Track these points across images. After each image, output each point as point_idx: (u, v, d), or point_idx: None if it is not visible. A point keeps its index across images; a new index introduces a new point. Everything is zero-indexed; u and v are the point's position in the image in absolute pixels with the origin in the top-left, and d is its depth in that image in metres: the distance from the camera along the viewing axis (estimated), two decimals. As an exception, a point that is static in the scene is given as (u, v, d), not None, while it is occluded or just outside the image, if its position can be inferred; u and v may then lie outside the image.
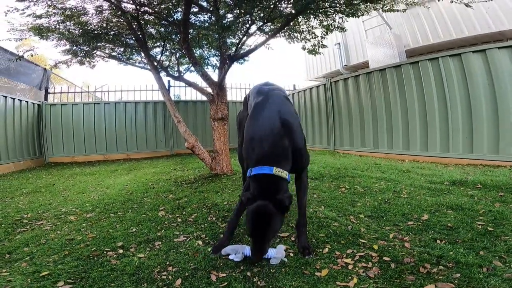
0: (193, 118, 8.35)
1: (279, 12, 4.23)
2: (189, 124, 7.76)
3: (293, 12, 3.96)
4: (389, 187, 2.98)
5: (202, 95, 4.81)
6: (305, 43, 5.23)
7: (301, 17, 4.52)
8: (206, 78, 4.37)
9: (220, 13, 4.12)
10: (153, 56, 5.15)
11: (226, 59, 4.36)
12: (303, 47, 5.38)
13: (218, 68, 4.54)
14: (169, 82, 8.27)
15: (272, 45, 5.92)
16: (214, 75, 4.61)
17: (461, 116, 4.24)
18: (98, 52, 5.40)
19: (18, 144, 6.35)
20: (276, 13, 4.14)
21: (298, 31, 5.01)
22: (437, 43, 7.11)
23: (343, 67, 9.44)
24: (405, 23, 7.65)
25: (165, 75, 5.22)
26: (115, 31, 4.77)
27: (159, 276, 1.47)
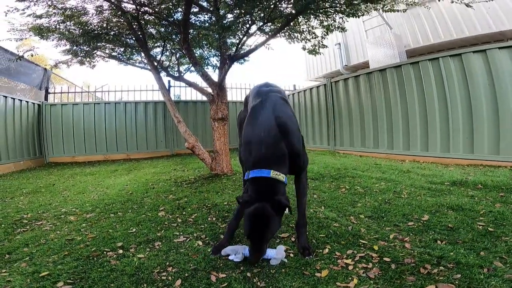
0: (193, 118, 8.35)
1: (279, 12, 4.22)
2: (189, 124, 7.77)
3: (293, 12, 3.96)
4: (390, 188, 2.98)
5: (202, 95, 4.81)
6: (306, 43, 5.23)
7: (301, 17, 4.52)
8: (206, 78, 4.37)
9: (220, 13, 4.12)
10: (153, 56, 5.16)
11: (226, 59, 4.36)
12: (304, 47, 5.37)
13: (218, 68, 4.55)
14: (169, 82, 8.27)
15: (273, 45, 5.92)
16: (214, 75, 4.62)
17: (462, 116, 4.24)
18: (98, 52, 5.40)
19: (18, 144, 6.35)
20: (276, 13, 4.13)
21: (299, 31, 5.00)
22: (438, 43, 7.10)
23: (343, 67, 9.44)
24: (406, 23, 7.64)
25: (165, 75, 5.22)
26: (115, 31, 4.77)
27: (159, 277, 1.47)
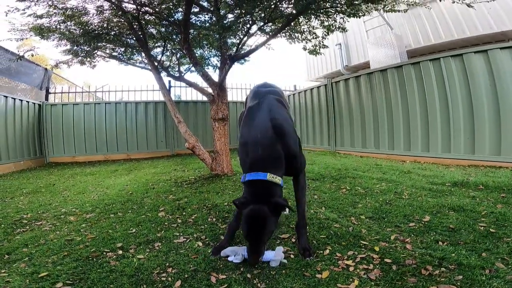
0: (194, 119, 8.35)
1: (280, 12, 4.22)
2: (190, 125, 7.76)
3: (294, 12, 3.95)
4: (390, 188, 2.97)
5: (203, 96, 4.81)
6: (306, 44, 5.22)
7: (302, 17, 4.51)
8: (207, 79, 4.36)
9: (221, 13, 4.11)
10: (154, 56, 5.15)
11: (227, 59, 4.35)
12: (304, 48, 5.37)
13: (219, 69, 4.54)
14: (170, 82, 8.27)
15: (273, 45, 5.92)
16: (215, 76, 4.61)
17: (463, 117, 4.23)
18: (99, 52, 5.40)
19: (19, 144, 6.36)
20: (277, 13, 4.13)
21: (299, 31, 4.99)
22: (439, 44, 7.08)
23: (344, 68, 9.42)
24: (407, 24, 7.63)
25: (166, 75, 5.22)
26: (116, 31, 4.77)
27: (159, 278, 1.46)
